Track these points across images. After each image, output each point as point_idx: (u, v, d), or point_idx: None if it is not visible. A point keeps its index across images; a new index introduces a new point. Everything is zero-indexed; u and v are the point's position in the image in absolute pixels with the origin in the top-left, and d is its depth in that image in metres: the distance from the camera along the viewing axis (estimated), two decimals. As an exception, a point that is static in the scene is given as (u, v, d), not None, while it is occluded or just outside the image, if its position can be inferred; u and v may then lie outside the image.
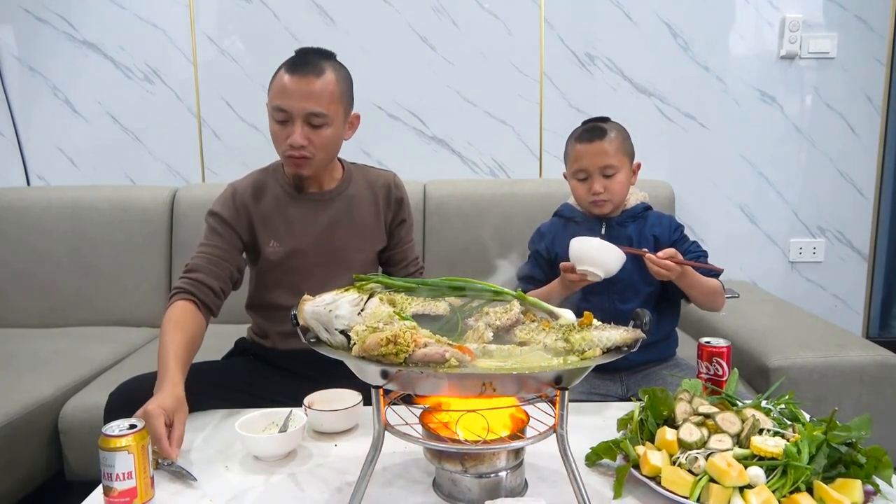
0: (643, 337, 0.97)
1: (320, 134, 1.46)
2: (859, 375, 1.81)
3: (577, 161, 1.59)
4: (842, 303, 2.76)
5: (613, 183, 1.57)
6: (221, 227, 1.53)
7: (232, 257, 1.52)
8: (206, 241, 1.52)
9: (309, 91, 1.42)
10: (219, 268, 1.48)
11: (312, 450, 1.23)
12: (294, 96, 1.42)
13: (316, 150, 1.47)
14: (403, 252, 1.70)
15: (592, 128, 1.59)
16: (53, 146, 2.67)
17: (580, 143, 1.58)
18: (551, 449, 0.97)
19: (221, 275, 1.48)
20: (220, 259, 1.49)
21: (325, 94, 1.44)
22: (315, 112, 1.43)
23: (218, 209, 1.54)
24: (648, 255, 1.44)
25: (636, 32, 2.60)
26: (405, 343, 0.88)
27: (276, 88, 1.45)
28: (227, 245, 1.51)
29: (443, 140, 2.67)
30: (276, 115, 1.45)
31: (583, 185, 1.59)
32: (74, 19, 2.60)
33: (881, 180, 2.69)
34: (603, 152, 1.55)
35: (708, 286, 1.54)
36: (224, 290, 1.50)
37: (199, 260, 1.48)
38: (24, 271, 2.44)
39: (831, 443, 0.99)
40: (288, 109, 1.43)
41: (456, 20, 2.59)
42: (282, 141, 1.46)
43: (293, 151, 1.45)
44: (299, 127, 1.44)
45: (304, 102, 1.42)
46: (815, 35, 2.59)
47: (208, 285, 1.45)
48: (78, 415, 1.80)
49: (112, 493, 1.01)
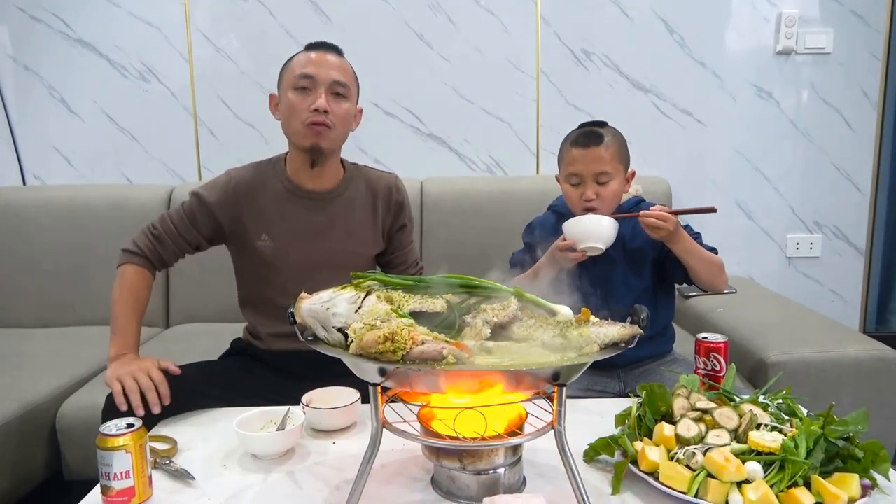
0: (641, 333, 0.97)
1: (341, 105, 1.51)
2: (856, 370, 1.81)
3: (571, 165, 1.56)
4: (839, 298, 2.77)
5: (606, 190, 1.54)
6: (201, 212, 1.55)
7: (194, 241, 1.57)
8: (179, 216, 1.56)
9: (333, 63, 1.50)
10: (177, 245, 1.56)
11: (310, 448, 1.23)
12: (322, 65, 1.48)
13: (336, 121, 1.50)
14: (403, 255, 1.70)
15: (589, 132, 1.56)
16: (49, 145, 2.66)
17: (576, 148, 1.55)
18: (549, 445, 0.97)
19: (176, 251, 1.57)
20: (182, 239, 1.55)
21: (347, 69, 1.53)
22: (340, 81, 1.49)
23: (205, 193, 1.56)
24: (642, 213, 1.44)
25: (632, 29, 2.60)
26: (402, 340, 0.88)
27: (300, 61, 1.50)
28: (195, 231, 1.56)
29: (440, 137, 2.66)
30: (301, 83, 1.48)
31: (575, 190, 1.56)
32: (69, 18, 2.59)
33: (877, 175, 2.70)
34: (598, 158, 1.52)
35: (706, 254, 1.53)
36: (167, 263, 1.58)
37: (166, 232, 1.55)
38: (21, 271, 2.43)
39: (829, 437, 0.99)
40: (314, 76, 1.48)
41: (452, 17, 2.59)
42: (303, 109, 1.48)
43: (316, 117, 1.47)
44: (324, 93, 1.48)
45: (331, 70, 1.49)
46: (811, 30, 2.59)
47: (162, 257, 1.55)
48: (76, 414, 1.80)
49: (110, 493, 1.01)
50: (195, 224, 1.55)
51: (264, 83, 2.59)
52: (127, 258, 1.54)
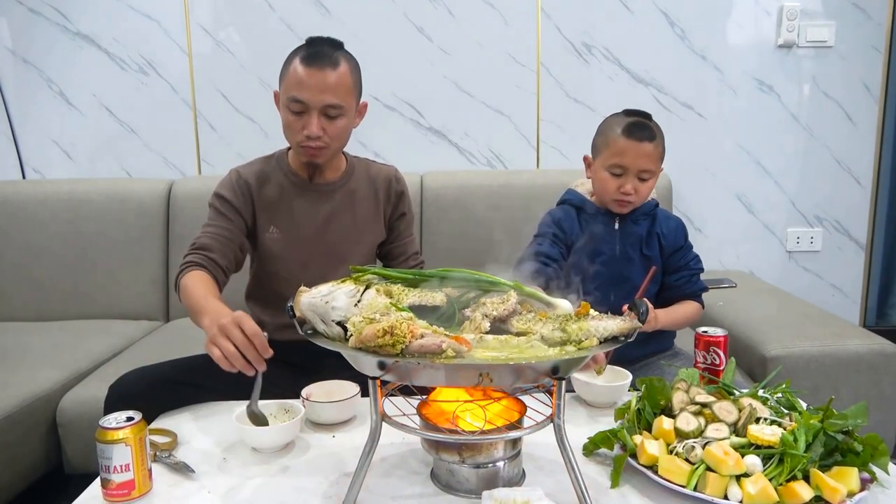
0: (640, 326, 0.97)
1: (335, 124, 1.48)
2: (856, 364, 1.81)
3: (618, 156, 1.51)
4: (839, 292, 2.76)
5: (644, 187, 1.54)
6: (227, 209, 1.54)
7: (237, 238, 1.54)
8: (212, 223, 1.53)
9: (326, 83, 1.44)
10: (225, 247, 1.50)
11: (310, 441, 1.23)
12: (312, 88, 1.43)
13: (331, 140, 1.49)
14: (403, 246, 1.71)
15: (643, 125, 1.52)
16: (48, 139, 2.66)
17: (628, 139, 1.50)
18: (549, 439, 0.97)
19: (228, 254, 1.50)
20: (226, 239, 1.51)
21: (341, 86, 1.46)
22: (332, 104, 1.45)
23: (224, 192, 1.56)
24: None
25: (633, 21, 2.59)
26: (402, 334, 0.88)
27: (292, 80, 1.45)
28: (232, 226, 1.53)
29: (440, 131, 2.66)
30: (293, 107, 1.46)
31: (615, 181, 1.53)
32: (68, 11, 2.57)
33: (878, 169, 2.69)
34: (648, 155, 1.50)
35: (687, 319, 1.64)
36: (228, 269, 1.52)
37: (207, 239, 1.49)
38: (21, 265, 2.43)
39: (828, 431, 1.00)
40: (306, 101, 1.44)
41: (452, 10, 2.58)
42: (297, 131, 1.47)
43: (310, 143, 1.47)
44: (316, 118, 1.45)
45: (322, 94, 1.44)
46: (812, 23, 2.58)
47: (217, 262, 1.47)
48: (76, 408, 1.80)
49: (110, 486, 1.01)
50: (227, 222, 1.53)
51: (264, 77, 2.58)
52: (181, 272, 1.45)
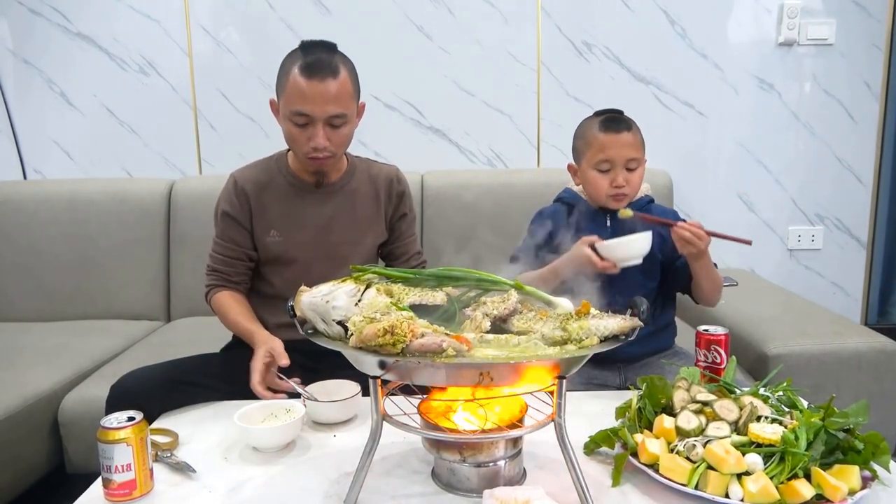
0: (640, 325, 0.97)
1: (340, 133, 1.48)
2: (857, 362, 1.81)
3: (601, 151, 1.52)
4: (840, 290, 2.76)
5: (634, 177, 1.53)
6: (229, 224, 1.58)
7: (245, 253, 1.59)
8: (220, 241, 1.59)
9: (329, 94, 1.43)
10: (236, 267, 1.59)
11: (311, 441, 1.23)
12: (316, 101, 1.42)
13: (337, 148, 1.50)
14: (405, 246, 1.70)
15: (617, 118, 1.53)
16: (49, 139, 2.66)
17: (607, 133, 1.52)
18: (549, 438, 0.97)
19: (240, 270, 1.59)
20: (235, 259, 1.58)
21: (343, 94, 1.45)
22: (336, 114, 1.45)
23: (227, 207, 1.58)
24: (679, 225, 1.41)
25: (633, 20, 2.59)
26: (402, 333, 0.88)
27: (294, 92, 1.43)
28: (239, 243, 1.58)
29: (440, 130, 2.66)
30: (297, 120, 1.45)
31: (604, 177, 1.53)
32: (68, 11, 2.58)
33: (879, 167, 2.69)
34: (630, 144, 1.51)
35: (717, 277, 1.55)
36: (244, 282, 1.61)
37: (219, 264, 1.59)
38: (22, 265, 2.43)
39: (829, 429, 0.99)
40: (310, 114, 1.43)
41: (452, 9, 2.58)
42: (303, 143, 1.47)
43: (317, 153, 1.47)
44: (321, 130, 1.45)
45: (326, 106, 1.43)
46: (813, 21, 2.57)
47: (233, 279, 1.58)
48: (78, 408, 1.80)
49: (111, 486, 1.01)
50: (232, 241, 1.58)
51: (264, 76, 2.58)
52: (208, 294, 1.60)
